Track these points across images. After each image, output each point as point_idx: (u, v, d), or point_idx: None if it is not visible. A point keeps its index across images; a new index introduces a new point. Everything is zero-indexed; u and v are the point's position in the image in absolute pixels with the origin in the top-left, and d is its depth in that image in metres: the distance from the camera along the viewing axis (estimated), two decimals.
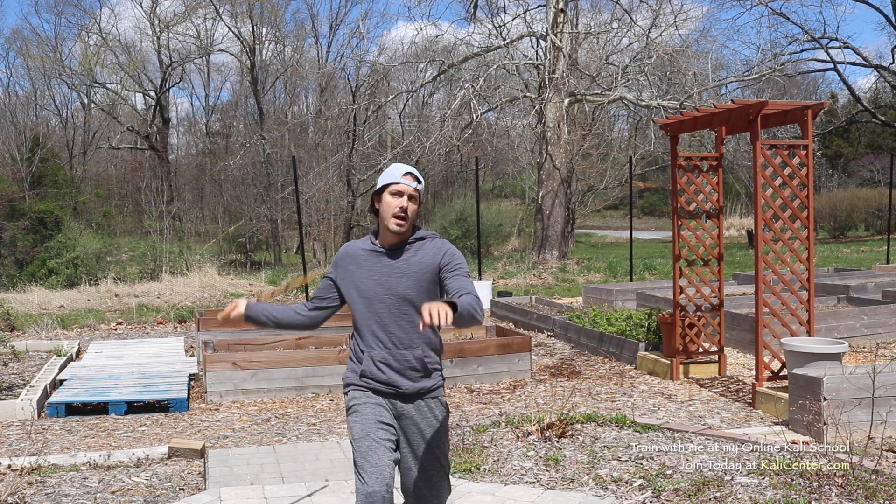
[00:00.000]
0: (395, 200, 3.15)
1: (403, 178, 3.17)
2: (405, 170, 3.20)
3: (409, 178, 3.18)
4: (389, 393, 3.19)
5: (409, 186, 3.16)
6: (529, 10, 24.30)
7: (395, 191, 3.15)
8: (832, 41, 31.89)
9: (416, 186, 3.18)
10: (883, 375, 5.29)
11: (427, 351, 3.22)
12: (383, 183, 3.18)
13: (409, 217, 3.15)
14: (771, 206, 6.65)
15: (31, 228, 21.80)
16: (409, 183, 3.16)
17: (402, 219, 3.13)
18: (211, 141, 42.37)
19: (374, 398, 3.19)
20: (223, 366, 7.29)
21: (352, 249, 3.32)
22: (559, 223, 21.96)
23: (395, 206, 3.14)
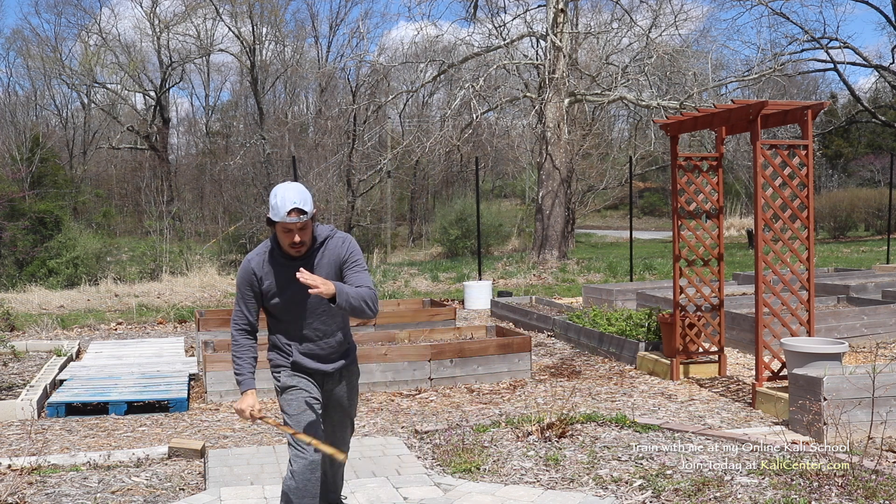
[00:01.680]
0: (286, 236, 3.42)
1: (288, 217, 3.35)
2: (289, 207, 3.34)
3: (293, 215, 3.36)
4: (315, 372, 3.67)
5: (296, 223, 3.37)
6: (529, 10, 24.31)
7: (283, 228, 3.40)
8: (832, 41, 31.89)
9: (303, 220, 3.37)
10: (883, 375, 5.29)
11: (345, 334, 3.72)
12: (272, 216, 3.40)
13: (306, 243, 3.47)
14: (771, 206, 6.65)
15: (31, 228, 21.80)
16: (294, 220, 3.36)
17: (298, 250, 3.46)
18: (211, 141, 42.36)
19: (304, 378, 3.65)
20: (223, 366, 7.29)
21: (260, 262, 3.57)
22: (559, 223, 21.96)
23: (287, 241, 3.43)
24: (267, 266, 3.55)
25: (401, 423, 6.33)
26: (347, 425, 3.92)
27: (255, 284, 3.55)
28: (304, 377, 3.66)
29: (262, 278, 3.54)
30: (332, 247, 3.56)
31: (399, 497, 4.49)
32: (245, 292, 3.58)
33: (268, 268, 3.55)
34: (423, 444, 5.60)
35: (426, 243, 35.63)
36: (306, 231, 3.44)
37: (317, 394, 3.66)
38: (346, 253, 3.56)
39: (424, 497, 4.48)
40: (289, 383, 3.64)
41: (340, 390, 3.78)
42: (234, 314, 3.66)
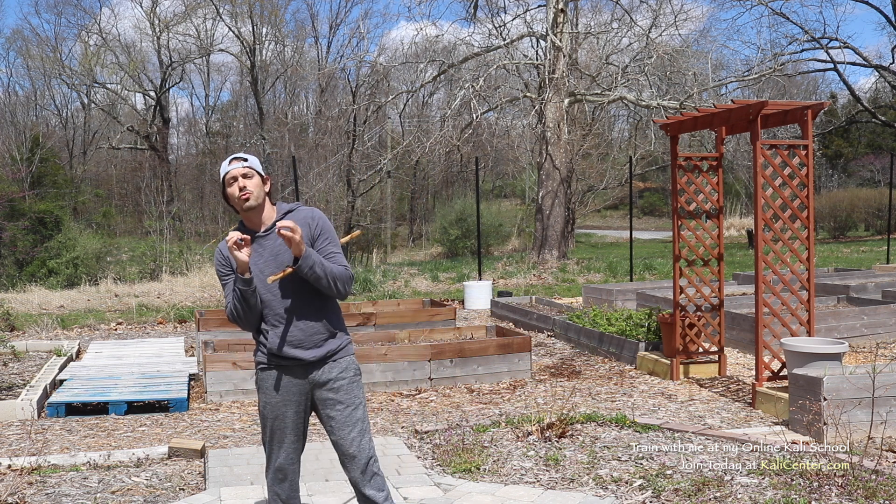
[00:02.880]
0: (233, 187, 3.30)
1: (230, 165, 3.32)
2: (230, 157, 3.37)
3: (235, 162, 3.32)
4: (297, 366, 3.34)
5: (238, 168, 3.28)
6: (529, 10, 24.31)
7: (229, 180, 3.30)
8: (832, 41, 31.90)
9: (244, 165, 3.29)
10: (883, 375, 5.29)
11: (331, 319, 3.38)
12: (222, 176, 3.33)
13: (252, 192, 3.27)
14: (771, 206, 6.65)
15: (31, 228, 21.80)
16: (236, 166, 3.29)
17: (245, 196, 3.26)
18: (211, 141, 42.38)
19: (283, 376, 3.36)
20: (223, 366, 7.29)
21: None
22: (559, 223, 21.96)
23: (235, 191, 3.29)
24: None
25: (401, 423, 6.33)
26: (352, 423, 3.38)
27: (226, 262, 3.40)
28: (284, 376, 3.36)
29: (228, 256, 3.38)
30: (300, 219, 3.33)
31: (399, 497, 4.49)
32: (223, 275, 3.42)
33: None
34: (423, 444, 5.60)
35: (426, 243, 35.65)
36: (251, 181, 3.29)
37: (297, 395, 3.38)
38: (316, 229, 3.34)
39: (424, 497, 4.48)
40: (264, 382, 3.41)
41: (330, 382, 3.38)
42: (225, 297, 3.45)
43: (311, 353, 3.32)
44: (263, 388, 3.40)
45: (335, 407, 3.37)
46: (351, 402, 3.40)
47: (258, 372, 3.43)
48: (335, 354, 3.38)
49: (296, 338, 3.30)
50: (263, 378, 3.40)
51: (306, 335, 3.31)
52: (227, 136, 40.70)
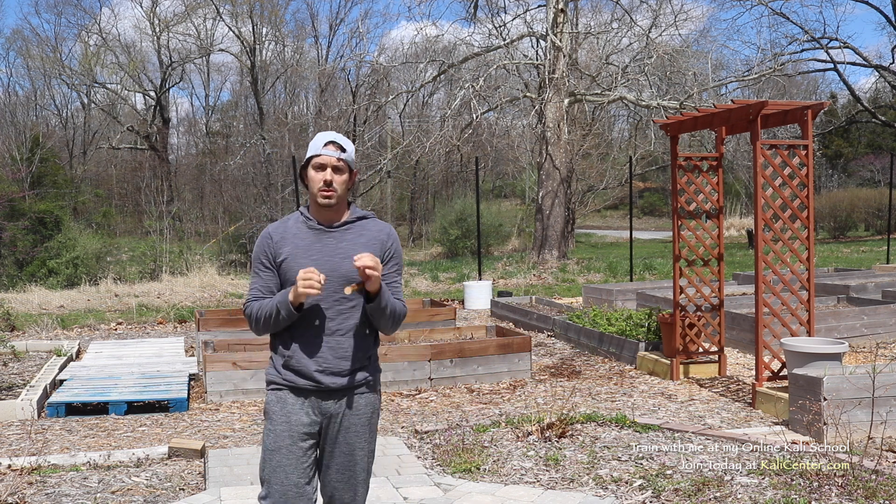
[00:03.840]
0: (318, 175, 2.87)
1: (325, 148, 2.86)
2: (327, 138, 2.88)
3: (331, 147, 2.86)
4: (315, 390, 2.88)
5: (332, 157, 2.85)
6: (529, 10, 24.32)
7: (317, 164, 2.87)
8: (832, 41, 31.91)
9: (340, 156, 2.86)
10: (883, 375, 5.29)
11: (366, 344, 2.94)
12: (307, 156, 2.89)
13: (336, 190, 2.86)
14: (771, 206, 6.65)
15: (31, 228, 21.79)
16: (331, 153, 2.85)
17: (327, 193, 2.85)
18: (211, 141, 42.38)
19: (295, 402, 2.88)
20: (223, 366, 7.29)
21: (283, 229, 2.96)
22: (559, 223, 21.96)
23: (318, 181, 2.86)
24: (290, 229, 2.94)
25: (401, 423, 6.33)
26: (354, 480, 2.97)
27: (271, 252, 2.91)
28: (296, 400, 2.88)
29: (278, 242, 2.91)
30: (374, 231, 2.95)
31: (399, 497, 4.49)
32: (260, 265, 2.94)
33: (291, 231, 2.94)
34: (423, 444, 5.60)
35: (426, 243, 35.64)
36: (341, 176, 2.87)
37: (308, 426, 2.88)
38: (390, 249, 2.95)
39: (424, 497, 4.48)
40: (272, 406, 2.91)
41: (348, 422, 2.90)
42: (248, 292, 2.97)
43: (334, 379, 2.86)
44: (272, 414, 2.90)
45: (339, 447, 2.92)
46: (360, 448, 2.95)
47: (269, 393, 2.94)
48: (360, 387, 2.94)
49: (324, 359, 2.84)
50: (274, 402, 2.91)
51: (336, 358, 2.86)
52: (227, 136, 40.69)
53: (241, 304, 14.84)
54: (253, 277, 2.97)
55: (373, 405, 2.98)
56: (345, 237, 2.92)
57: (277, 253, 2.91)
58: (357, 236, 2.92)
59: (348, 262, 2.83)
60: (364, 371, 2.93)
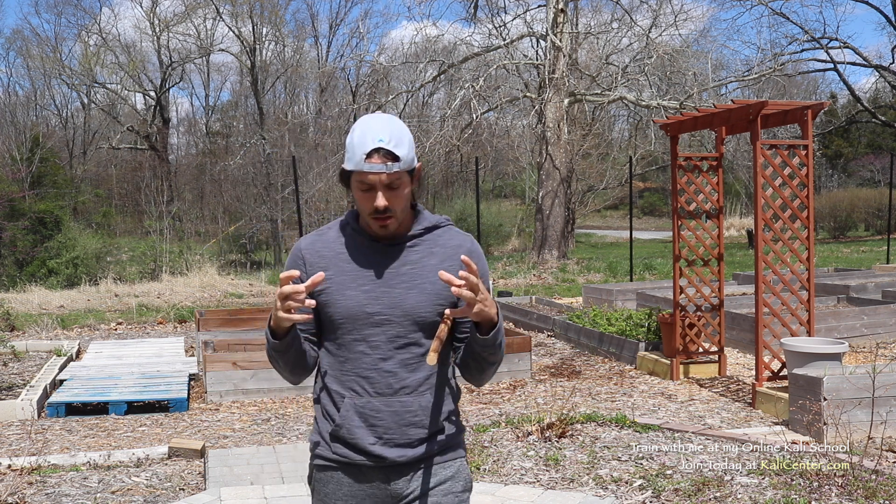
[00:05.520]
0: (365, 196, 2.03)
1: (368, 162, 1.97)
2: (370, 145, 1.97)
3: (376, 159, 1.97)
4: (372, 469, 2.08)
5: (380, 174, 1.98)
6: (529, 10, 24.33)
7: (361, 185, 2.02)
8: (832, 41, 31.92)
9: (393, 170, 1.98)
10: (883, 375, 5.29)
11: (440, 389, 2.11)
12: (346, 168, 2.03)
13: (396, 212, 2.04)
14: (771, 206, 6.65)
15: (31, 228, 21.79)
16: (380, 169, 1.97)
17: (384, 222, 2.04)
18: (211, 141, 42.39)
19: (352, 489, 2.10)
20: (223, 366, 7.29)
21: (321, 245, 2.14)
22: (559, 223, 21.97)
23: (368, 207, 2.03)
24: (331, 246, 2.13)
25: None
26: None
27: (303, 277, 2.09)
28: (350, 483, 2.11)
29: (315, 264, 2.10)
30: (449, 245, 2.14)
31: None
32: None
33: (332, 248, 2.12)
34: None
35: None
36: (398, 192, 2.02)
37: None
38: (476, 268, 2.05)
39: None
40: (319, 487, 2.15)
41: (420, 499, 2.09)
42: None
43: (400, 451, 2.06)
44: (321, 496, 2.15)
45: None
46: None
47: (314, 471, 2.17)
48: (439, 455, 2.12)
49: (382, 422, 2.04)
50: (321, 480, 2.14)
51: (398, 420, 2.05)
52: (227, 136, 40.70)
53: (241, 304, 14.84)
54: None
55: (463, 477, 2.15)
56: (409, 257, 2.10)
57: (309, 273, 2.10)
58: (426, 255, 2.11)
59: (416, 294, 2.06)
60: (442, 433, 2.12)
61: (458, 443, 2.17)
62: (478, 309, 1.91)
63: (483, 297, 1.90)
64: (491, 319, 1.96)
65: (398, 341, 2.05)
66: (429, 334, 2.04)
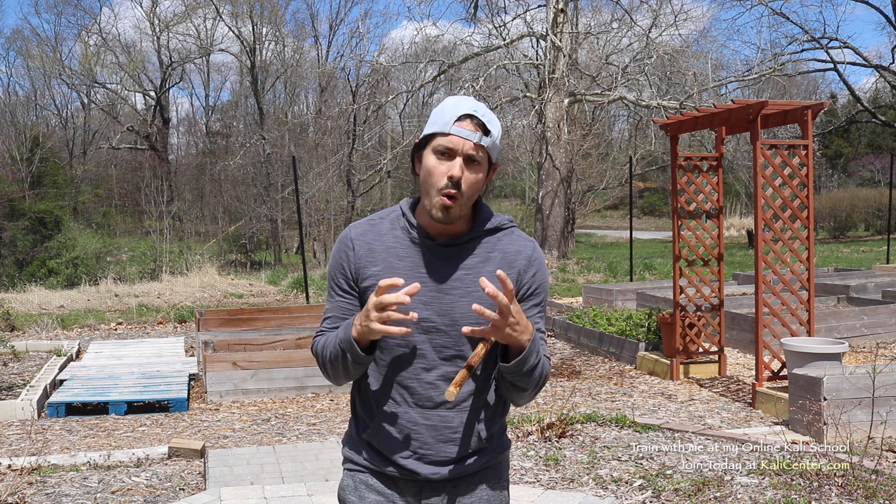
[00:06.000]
0: (441, 165, 1.85)
1: (458, 125, 1.83)
2: (463, 109, 1.84)
3: (467, 124, 1.83)
4: (406, 482, 1.96)
5: (468, 141, 1.83)
6: (529, 10, 24.34)
7: (442, 147, 1.84)
8: (832, 41, 31.92)
9: (481, 140, 1.84)
10: (883, 375, 5.29)
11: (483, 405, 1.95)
12: (428, 132, 1.88)
13: (465, 194, 1.85)
14: (771, 206, 6.65)
15: (31, 228, 21.80)
16: (468, 134, 1.83)
17: (449, 202, 1.84)
18: (211, 141, 42.41)
19: (382, 493, 1.97)
20: (223, 366, 7.29)
21: (374, 236, 1.95)
22: (559, 223, 21.97)
23: (440, 177, 1.84)
24: (383, 238, 1.95)
25: None
26: None
27: (350, 268, 1.94)
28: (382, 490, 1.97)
29: (364, 254, 1.93)
30: (509, 250, 1.95)
31: None
32: (335, 285, 1.98)
33: (384, 240, 1.94)
34: None
35: None
36: (475, 172, 1.86)
37: None
38: (532, 280, 1.95)
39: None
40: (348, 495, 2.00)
41: None
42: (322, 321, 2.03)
43: (433, 469, 1.92)
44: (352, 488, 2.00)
45: None
46: None
47: (345, 475, 2.03)
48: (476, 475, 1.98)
49: (418, 436, 1.91)
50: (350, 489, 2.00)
51: (436, 436, 1.91)
52: (227, 136, 40.73)
53: (241, 305, 14.84)
54: (328, 301, 2.02)
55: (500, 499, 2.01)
56: (467, 261, 1.92)
57: (361, 271, 1.94)
58: (484, 260, 1.92)
59: (469, 303, 1.86)
60: (482, 454, 1.96)
61: (499, 463, 2.01)
62: (506, 334, 1.74)
63: (513, 322, 1.73)
64: (520, 346, 1.78)
65: (444, 352, 1.89)
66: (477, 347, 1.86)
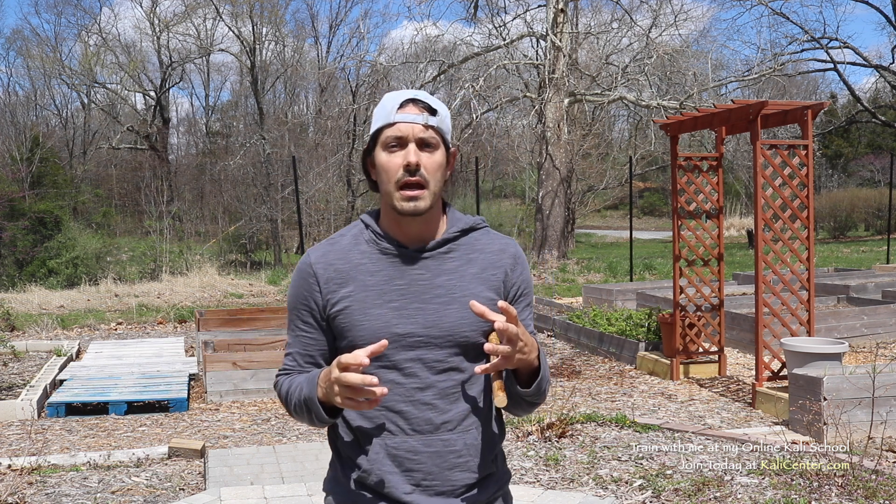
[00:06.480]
0: (393, 157, 1.71)
1: (401, 112, 1.71)
2: (403, 97, 1.73)
3: (410, 108, 1.71)
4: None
5: (415, 123, 1.70)
6: (529, 10, 24.34)
7: (390, 139, 1.72)
8: (832, 41, 31.93)
9: (429, 121, 1.71)
10: (883, 375, 5.29)
11: (487, 428, 1.79)
12: (373, 130, 1.76)
13: (430, 182, 1.72)
14: (771, 206, 6.65)
15: (31, 228, 21.79)
16: (415, 118, 1.70)
17: (412, 193, 1.71)
18: (211, 141, 42.40)
19: None
20: (223, 366, 7.29)
21: (338, 256, 1.78)
22: (559, 223, 21.97)
23: (395, 169, 1.70)
24: (349, 256, 1.77)
25: None
26: None
27: (315, 298, 1.76)
28: None
29: (330, 279, 1.75)
30: (489, 250, 1.83)
31: None
32: (298, 319, 1.80)
33: (351, 258, 1.77)
34: None
35: None
36: (433, 156, 1.72)
37: None
38: (519, 281, 1.85)
39: None
40: None
41: None
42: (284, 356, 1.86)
43: (442, 501, 1.74)
44: None
45: None
46: None
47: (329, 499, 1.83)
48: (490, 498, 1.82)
49: (420, 466, 1.72)
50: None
51: (440, 463, 1.73)
52: (227, 136, 40.72)
53: (241, 304, 14.84)
54: (289, 333, 1.83)
55: None
56: (445, 265, 1.77)
57: (329, 298, 1.75)
58: (464, 263, 1.79)
59: (457, 310, 1.73)
60: (489, 482, 1.81)
61: (507, 493, 1.87)
62: (517, 360, 1.62)
63: (522, 345, 1.60)
64: (531, 366, 1.67)
65: (437, 367, 1.72)
66: (472, 357, 1.72)
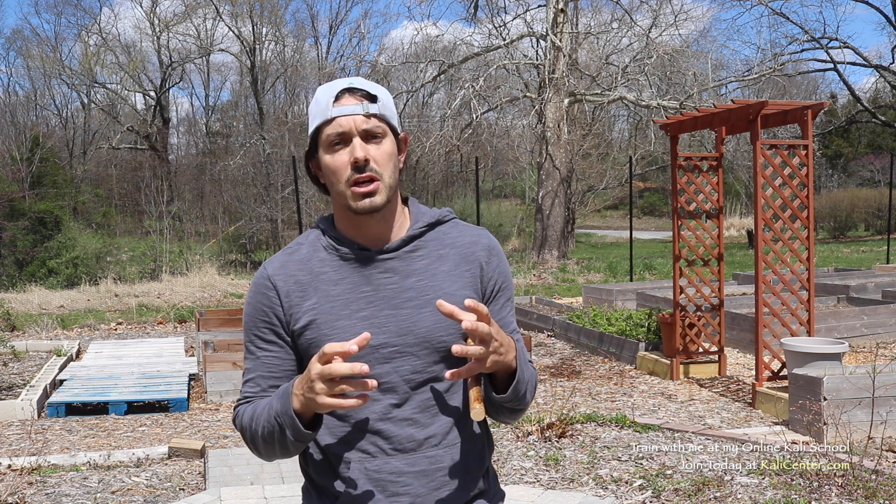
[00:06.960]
0: (338, 156, 1.55)
1: (337, 106, 1.54)
2: (337, 88, 1.56)
3: (347, 99, 1.55)
4: None
5: (356, 115, 1.54)
6: (529, 10, 24.36)
7: (331, 137, 1.55)
8: (832, 41, 31.94)
9: (369, 109, 1.55)
10: (883, 375, 5.29)
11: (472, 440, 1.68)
12: (311, 131, 1.58)
13: (383, 175, 1.56)
14: (771, 206, 6.65)
15: (31, 228, 21.78)
16: (354, 109, 1.54)
17: (365, 189, 1.54)
18: (211, 141, 42.40)
19: None
20: (223, 366, 7.29)
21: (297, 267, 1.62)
22: (559, 223, 21.97)
23: (342, 168, 1.55)
24: (311, 265, 1.62)
25: None
26: None
27: (276, 314, 1.61)
28: None
29: (291, 292, 1.60)
30: (460, 244, 1.70)
31: None
32: (256, 338, 1.64)
33: (311, 267, 1.62)
34: None
35: None
36: (381, 146, 1.56)
37: None
38: (496, 274, 1.72)
39: None
40: None
41: None
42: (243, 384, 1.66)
43: None
44: None
45: None
46: None
47: None
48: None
49: (407, 489, 1.58)
50: None
51: (428, 483, 1.59)
52: (227, 136, 40.71)
53: (241, 305, 14.84)
54: (247, 358, 1.66)
55: None
56: (413, 265, 1.62)
57: (291, 311, 1.60)
58: (435, 260, 1.65)
59: (431, 313, 1.59)
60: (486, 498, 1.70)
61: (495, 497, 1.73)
62: (491, 362, 1.47)
63: (497, 345, 1.46)
64: (508, 368, 1.54)
65: (415, 379, 1.58)
66: (452, 365, 1.54)
